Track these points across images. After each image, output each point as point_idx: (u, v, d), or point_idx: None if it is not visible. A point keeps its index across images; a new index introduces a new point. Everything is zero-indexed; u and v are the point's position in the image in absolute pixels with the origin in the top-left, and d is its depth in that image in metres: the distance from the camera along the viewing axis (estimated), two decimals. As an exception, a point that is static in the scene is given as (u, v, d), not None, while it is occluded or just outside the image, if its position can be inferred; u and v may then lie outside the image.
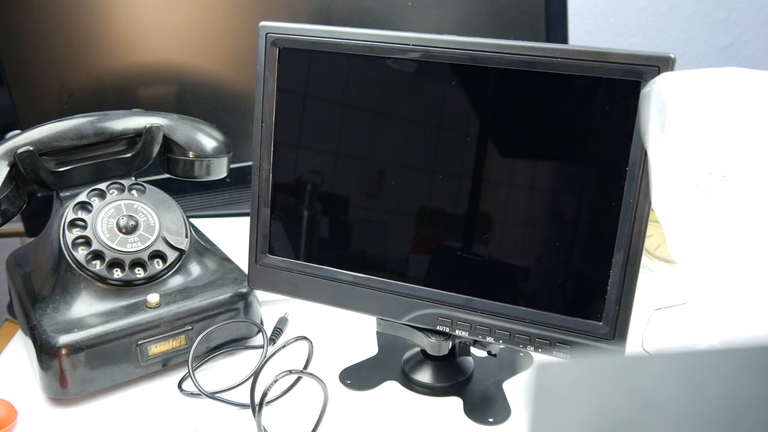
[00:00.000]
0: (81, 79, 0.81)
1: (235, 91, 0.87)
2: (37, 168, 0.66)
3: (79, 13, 0.79)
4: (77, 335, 0.59)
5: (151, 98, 0.85)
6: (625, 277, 0.50)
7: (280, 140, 0.59)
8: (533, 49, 0.50)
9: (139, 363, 0.62)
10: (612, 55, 0.48)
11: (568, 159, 0.52)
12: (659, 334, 0.67)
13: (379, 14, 0.88)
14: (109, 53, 0.81)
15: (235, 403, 0.60)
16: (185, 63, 0.85)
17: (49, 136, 0.66)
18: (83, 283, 0.64)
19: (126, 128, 0.69)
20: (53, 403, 0.61)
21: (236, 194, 0.91)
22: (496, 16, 0.92)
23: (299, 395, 0.61)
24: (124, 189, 0.69)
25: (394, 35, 0.54)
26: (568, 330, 0.53)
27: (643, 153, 0.48)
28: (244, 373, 0.63)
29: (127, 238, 0.66)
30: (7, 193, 0.65)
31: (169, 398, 0.62)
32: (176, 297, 0.65)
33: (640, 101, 0.47)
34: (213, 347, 0.66)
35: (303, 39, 0.56)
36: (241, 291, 0.67)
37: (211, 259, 0.70)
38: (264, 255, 0.61)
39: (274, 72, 0.58)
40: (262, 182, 0.60)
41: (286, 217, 0.60)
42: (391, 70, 0.55)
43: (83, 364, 0.59)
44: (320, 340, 0.68)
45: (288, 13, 0.86)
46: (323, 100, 0.57)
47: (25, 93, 0.79)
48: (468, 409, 0.60)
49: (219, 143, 0.73)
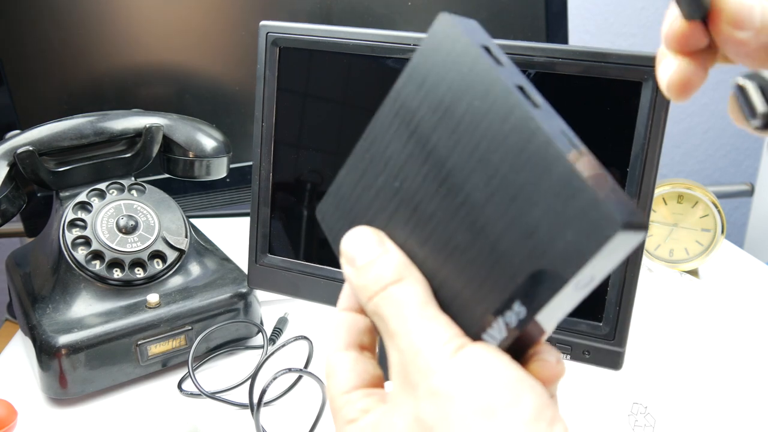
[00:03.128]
0: (81, 79, 0.81)
1: (235, 91, 0.87)
2: (37, 168, 0.66)
3: (79, 13, 0.79)
4: (77, 335, 0.59)
5: (151, 98, 0.84)
6: (625, 278, 0.50)
7: (280, 140, 0.59)
8: (533, 49, 0.50)
9: (139, 363, 0.62)
10: (612, 55, 0.48)
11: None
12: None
13: (379, 14, 0.88)
14: (109, 53, 0.81)
15: (234, 403, 0.60)
16: (185, 63, 0.85)
17: (49, 136, 0.66)
18: (83, 283, 0.64)
19: (126, 128, 0.69)
20: (53, 403, 0.61)
21: (236, 194, 0.91)
22: (496, 16, 0.92)
23: (299, 395, 0.61)
24: (124, 189, 0.69)
25: (394, 35, 0.54)
26: (568, 330, 0.53)
27: (642, 153, 0.48)
28: (244, 373, 0.63)
29: (126, 238, 0.66)
30: (7, 193, 0.65)
31: (169, 398, 0.62)
32: (176, 297, 0.65)
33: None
34: (213, 347, 0.66)
35: (303, 39, 0.56)
36: (241, 291, 0.67)
37: (211, 259, 0.70)
38: (264, 255, 0.61)
39: (275, 72, 0.58)
40: (262, 182, 0.60)
41: (286, 217, 0.60)
42: (391, 70, 0.55)
43: (83, 364, 0.59)
44: (320, 340, 0.68)
45: (288, 13, 0.85)
46: (323, 99, 0.57)
47: (25, 93, 0.79)
48: (468, 409, 0.60)
49: (219, 143, 0.73)
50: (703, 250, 0.80)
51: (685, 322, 0.71)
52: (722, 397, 0.59)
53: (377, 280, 0.29)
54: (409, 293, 0.28)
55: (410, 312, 0.27)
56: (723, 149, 1.46)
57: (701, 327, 0.70)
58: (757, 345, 0.67)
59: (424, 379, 0.26)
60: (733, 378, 0.62)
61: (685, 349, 0.66)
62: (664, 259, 0.81)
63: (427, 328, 0.27)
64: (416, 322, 0.27)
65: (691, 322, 0.71)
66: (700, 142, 1.45)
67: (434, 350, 0.26)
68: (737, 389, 0.61)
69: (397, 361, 0.28)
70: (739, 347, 0.67)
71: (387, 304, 0.28)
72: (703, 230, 0.79)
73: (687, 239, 0.80)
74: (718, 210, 0.78)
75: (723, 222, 0.78)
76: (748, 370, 0.63)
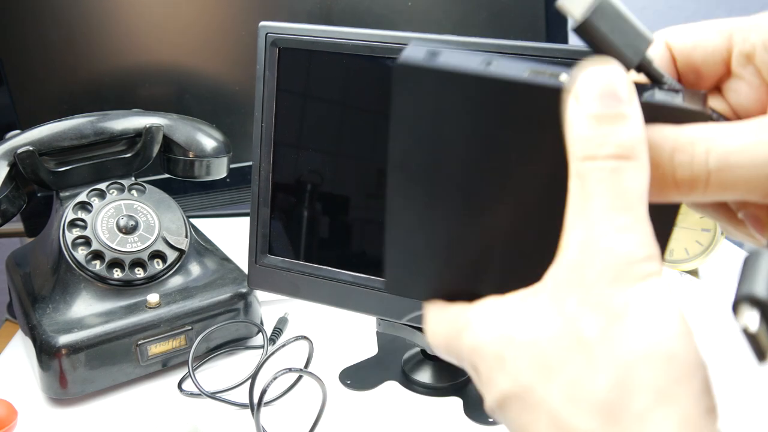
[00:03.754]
0: (81, 79, 0.81)
1: (235, 91, 0.87)
2: (37, 168, 0.66)
3: (79, 13, 0.79)
4: (77, 335, 0.59)
5: (151, 98, 0.84)
6: (625, 277, 0.50)
7: (280, 140, 0.59)
8: (533, 49, 0.50)
9: (139, 363, 0.62)
10: (612, 55, 0.48)
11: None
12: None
13: (379, 14, 0.88)
14: (109, 53, 0.81)
15: (234, 403, 0.60)
16: (185, 63, 0.85)
17: (49, 136, 0.66)
18: (83, 283, 0.64)
19: (126, 128, 0.69)
20: (53, 403, 0.61)
21: (236, 194, 0.91)
22: (496, 16, 0.92)
23: (299, 395, 0.61)
24: (124, 189, 0.69)
25: (394, 35, 0.54)
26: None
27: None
28: (244, 373, 0.63)
29: (127, 238, 0.66)
30: (7, 193, 0.65)
31: (169, 398, 0.62)
32: (176, 297, 0.65)
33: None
34: (213, 347, 0.66)
35: (303, 39, 0.56)
36: (241, 291, 0.67)
37: (211, 259, 0.70)
38: (264, 255, 0.61)
39: (274, 72, 0.58)
40: (262, 182, 0.60)
41: (286, 217, 0.60)
42: (391, 70, 0.55)
43: (83, 364, 0.59)
44: (320, 340, 0.68)
45: (288, 13, 0.85)
46: (323, 100, 0.57)
47: (25, 93, 0.79)
48: (468, 409, 0.60)
49: (219, 143, 0.73)
50: (703, 250, 0.80)
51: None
52: (722, 397, 0.59)
53: (617, 142, 0.23)
54: (637, 179, 0.23)
55: (626, 201, 0.23)
56: (723, 149, 1.46)
57: (701, 327, 0.70)
58: (757, 345, 0.67)
59: (599, 288, 0.23)
60: (733, 378, 0.62)
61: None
62: (664, 259, 0.81)
63: (631, 231, 0.23)
64: (624, 217, 0.23)
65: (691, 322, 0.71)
66: (700, 142, 1.45)
67: (625, 262, 0.22)
68: (737, 389, 0.61)
69: (577, 240, 0.23)
70: (739, 347, 0.67)
71: (609, 177, 0.23)
72: (703, 230, 0.79)
73: (687, 239, 0.80)
74: (718, 210, 0.78)
75: (723, 222, 0.78)
76: (748, 370, 0.63)
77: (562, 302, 0.23)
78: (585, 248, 0.23)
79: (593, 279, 0.23)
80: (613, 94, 0.24)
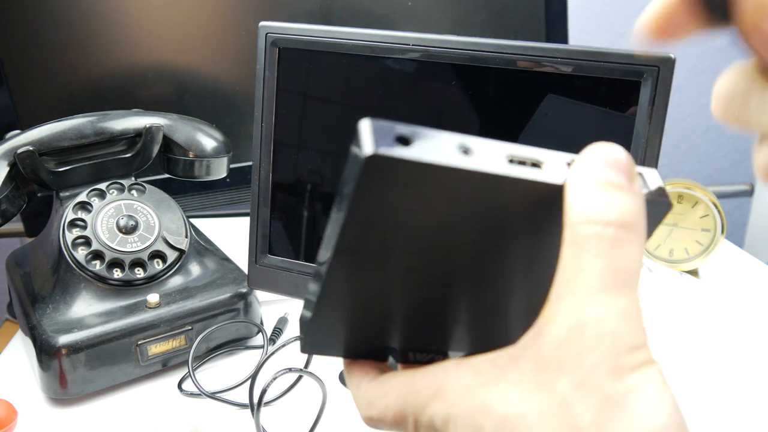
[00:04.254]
0: (81, 79, 0.81)
1: (235, 91, 0.87)
2: (37, 168, 0.66)
3: (79, 13, 0.79)
4: (77, 335, 0.59)
5: (151, 98, 0.84)
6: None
7: (280, 140, 0.59)
8: (533, 49, 0.50)
9: (139, 363, 0.62)
10: (612, 55, 0.48)
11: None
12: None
13: (379, 14, 0.88)
14: (110, 53, 0.81)
15: (234, 403, 0.60)
16: (185, 63, 0.85)
17: (49, 136, 0.66)
18: (83, 283, 0.64)
19: (126, 128, 0.69)
20: (53, 403, 0.61)
21: (236, 194, 0.91)
22: (496, 16, 0.92)
23: (299, 395, 0.61)
24: (124, 189, 0.69)
25: (394, 35, 0.54)
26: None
27: (642, 153, 0.48)
28: (244, 373, 0.63)
29: (127, 238, 0.66)
30: (7, 193, 0.65)
31: (169, 398, 0.62)
32: (176, 297, 0.65)
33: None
34: (213, 347, 0.66)
35: (303, 39, 0.56)
36: (241, 291, 0.67)
37: (211, 259, 0.70)
38: (264, 255, 0.61)
39: (274, 72, 0.58)
40: (262, 182, 0.60)
41: (286, 217, 0.60)
42: (391, 70, 0.55)
43: (83, 364, 0.59)
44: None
45: (288, 13, 0.85)
46: (323, 100, 0.57)
47: (25, 93, 0.79)
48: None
49: (219, 143, 0.73)
50: (703, 250, 0.80)
51: (684, 322, 0.71)
52: (722, 397, 0.59)
53: (621, 210, 0.22)
54: (635, 254, 0.22)
55: (624, 278, 0.22)
56: (723, 149, 1.46)
57: (701, 327, 0.70)
58: (757, 345, 0.67)
59: (597, 375, 0.21)
60: (733, 378, 0.62)
61: (684, 348, 0.66)
62: (664, 259, 0.81)
63: (630, 317, 0.22)
64: (624, 300, 0.22)
65: (691, 322, 0.71)
66: (700, 142, 1.45)
67: (626, 350, 0.22)
68: (737, 389, 0.61)
69: (568, 315, 0.22)
70: (739, 347, 0.67)
71: (609, 249, 0.22)
72: (703, 230, 0.79)
73: (687, 239, 0.80)
74: (718, 210, 0.78)
75: (723, 222, 0.78)
76: (748, 370, 0.63)
77: (551, 381, 0.22)
78: (580, 327, 0.22)
79: (591, 364, 0.22)
80: (620, 166, 0.23)
